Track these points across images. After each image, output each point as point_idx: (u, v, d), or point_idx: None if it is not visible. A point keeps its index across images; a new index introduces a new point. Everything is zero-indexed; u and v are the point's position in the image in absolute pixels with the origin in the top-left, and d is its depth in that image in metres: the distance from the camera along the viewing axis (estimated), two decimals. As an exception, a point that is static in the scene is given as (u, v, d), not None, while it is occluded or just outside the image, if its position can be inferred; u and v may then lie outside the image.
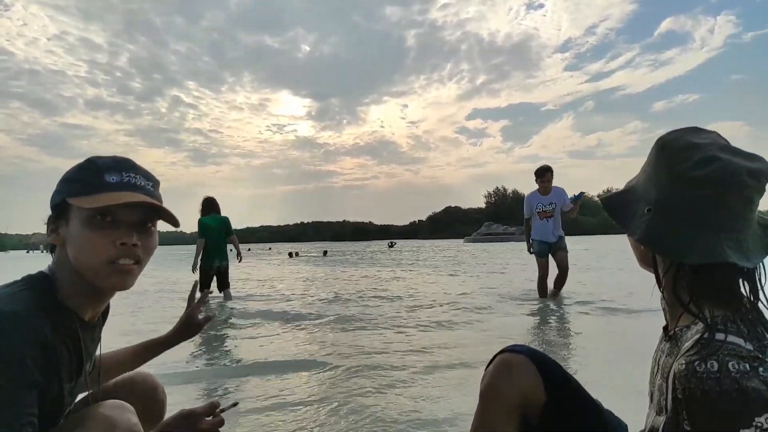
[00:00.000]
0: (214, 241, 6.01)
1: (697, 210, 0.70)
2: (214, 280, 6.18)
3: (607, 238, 38.33)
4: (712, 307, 0.69)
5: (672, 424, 0.67)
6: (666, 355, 0.77)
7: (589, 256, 14.44)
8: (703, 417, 0.61)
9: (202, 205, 6.15)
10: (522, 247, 7.01)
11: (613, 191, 0.86)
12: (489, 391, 0.92)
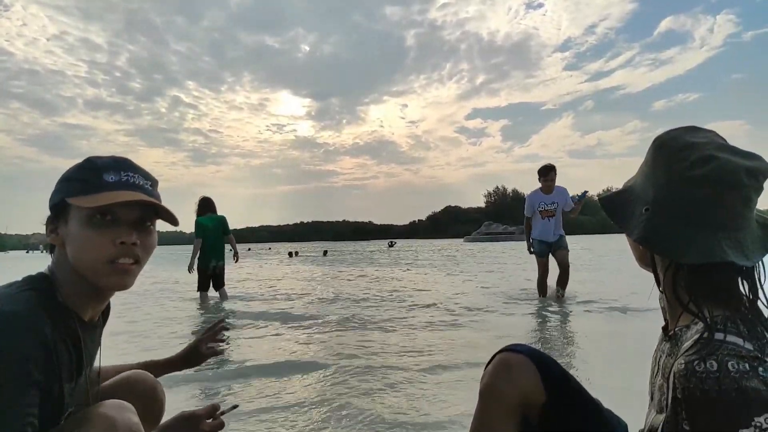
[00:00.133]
0: (212, 241, 6.01)
1: (695, 209, 0.70)
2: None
3: (605, 238, 38.32)
4: (711, 307, 0.69)
5: (671, 423, 0.67)
6: (666, 356, 0.76)
7: (589, 256, 14.43)
8: (703, 417, 0.61)
9: (198, 205, 6.14)
10: (522, 246, 7.01)
11: (612, 191, 0.86)
12: (488, 390, 0.92)
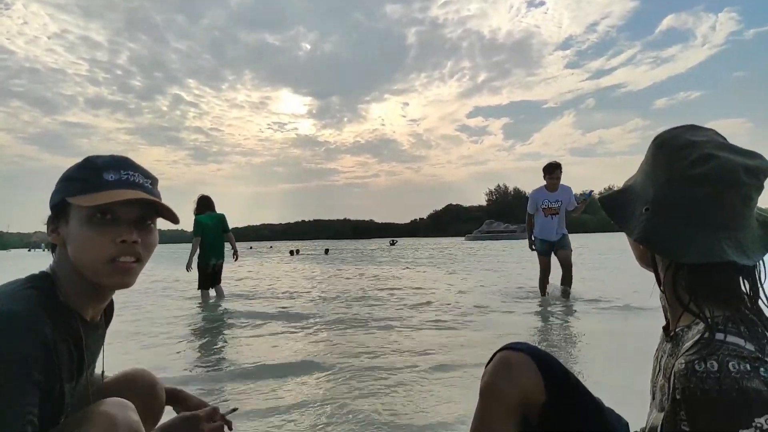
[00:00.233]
0: (211, 239, 6.00)
1: (695, 208, 0.69)
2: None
3: (606, 236, 38.24)
4: (711, 307, 0.68)
5: (670, 423, 0.67)
6: (668, 356, 0.76)
7: (589, 255, 14.41)
8: (703, 417, 0.61)
9: (198, 203, 6.14)
10: (523, 245, 6.99)
11: (612, 190, 0.86)
12: (489, 389, 0.91)
